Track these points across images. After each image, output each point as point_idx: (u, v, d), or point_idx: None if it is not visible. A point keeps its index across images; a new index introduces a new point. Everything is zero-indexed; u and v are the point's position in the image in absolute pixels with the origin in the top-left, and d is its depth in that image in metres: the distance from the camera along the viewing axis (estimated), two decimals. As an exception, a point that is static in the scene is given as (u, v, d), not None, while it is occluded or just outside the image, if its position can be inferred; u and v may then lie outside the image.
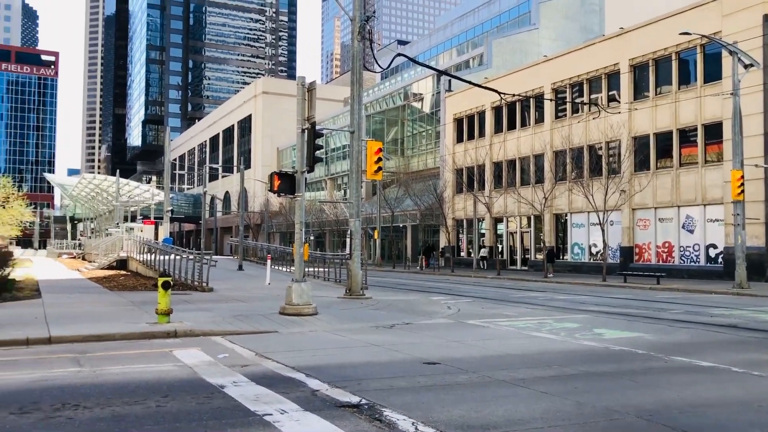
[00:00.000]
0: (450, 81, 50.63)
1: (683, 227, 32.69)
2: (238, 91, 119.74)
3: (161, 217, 49.86)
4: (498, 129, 45.70)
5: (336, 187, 68.88)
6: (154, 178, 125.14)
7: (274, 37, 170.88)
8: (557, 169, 38.48)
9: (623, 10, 46.90)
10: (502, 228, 45.77)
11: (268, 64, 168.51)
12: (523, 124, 43.55)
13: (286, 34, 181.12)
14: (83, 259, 56.77)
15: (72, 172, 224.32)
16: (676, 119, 32.74)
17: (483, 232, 46.90)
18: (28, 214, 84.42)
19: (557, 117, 40.64)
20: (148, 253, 31.16)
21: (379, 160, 21.47)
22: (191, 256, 24.93)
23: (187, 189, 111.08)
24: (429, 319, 15.18)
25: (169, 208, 43.15)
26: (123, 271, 34.76)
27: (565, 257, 39.85)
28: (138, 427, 5.99)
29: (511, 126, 44.54)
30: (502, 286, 29.14)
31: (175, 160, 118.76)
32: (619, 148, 35.50)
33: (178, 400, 7.06)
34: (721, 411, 6.69)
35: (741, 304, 19.50)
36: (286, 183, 16.57)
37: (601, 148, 36.65)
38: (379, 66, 20.08)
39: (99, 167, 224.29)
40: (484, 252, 45.08)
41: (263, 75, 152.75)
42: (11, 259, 21.31)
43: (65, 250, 73.21)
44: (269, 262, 30.54)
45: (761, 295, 22.46)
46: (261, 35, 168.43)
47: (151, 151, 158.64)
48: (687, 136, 32.65)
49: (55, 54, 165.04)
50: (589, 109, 36.44)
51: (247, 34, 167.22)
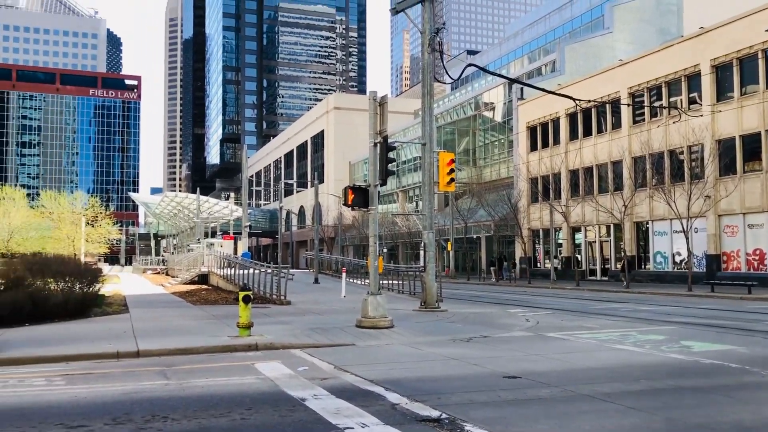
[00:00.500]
0: (522, 89, 49.97)
1: (775, 233, 31.00)
2: (311, 107, 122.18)
3: (240, 233, 51.26)
4: (573, 136, 44.74)
5: (408, 199, 69.01)
6: (233, 195, 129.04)
7: (344, 53, 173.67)
8: (636, 176, 37.26)
9: (702, 10, 45.17)
10: (580, 237, 44.66)
11: (339, 79, 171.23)
12: (599, 131, 42.47)
13: (356, 50, 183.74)
14: (167, 274, 58.86)
15: (155, 191, 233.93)
16: (765, 120, 31.16)
17: (560, 242, 45.89)
18: (114, 232, 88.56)
19: (635, 122, 39.42)
20: (228, 268, 32.00)
21: (452, 171, 21.40)
22: (269, 270, 25.44)
23: (264, 204, 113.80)
24: (507, 332, 14.92)
25: (247, 224, 44.31)
26: (204, 286, 35.80)
27: (647, 266, 38.48)
28: (223, 440, 6.12)
29: (587, 133, 43.51)
30: (581, 298, 28.38)
31: (251, 176, 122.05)
32: (701, 152, 34.09)
33: (261, 413, 7.18)
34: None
35: (843, 315, 18.29)
36: (359, 197, 16.70)
37: (682, 153, 35.29)
38: (449, 77, 20.04)
39: (180, 185, 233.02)
40: (556, 263, 44.15)
41: (334, 91, 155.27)
42: (100, 276, 22.29)
43: (150, 266, 76.15)
44: (344, 275, 30.82)
45: None
46: (332, 52, 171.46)
47: (229, 168, 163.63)
48: (776, 138, 31.01)
49: (138, 78, 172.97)
50: (669, 113, 35.13)
51: (318, 51, 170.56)
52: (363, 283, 33.11)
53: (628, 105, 38.22)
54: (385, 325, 15.44)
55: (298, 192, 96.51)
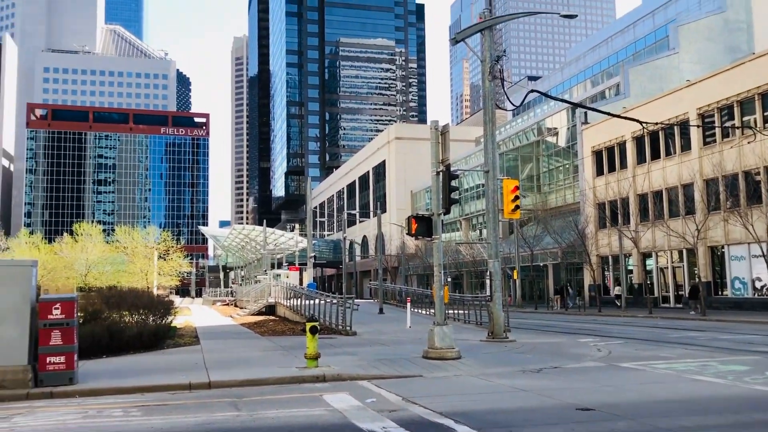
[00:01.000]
0: (586, 113, 49.19)
1: None
2: (372, 138, 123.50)
3: (305, 263, 51.91)
4: (641, 159, 43.62)
5: (471, 227, 68.49)
6: (297, 226, 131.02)
7: (404, 84, 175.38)
8: (709, 199, 35.88)
9: (774, 25, 43.64)
10: (651, 263, 43.23)
11: (400, 110, 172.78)
12: (668, 153, 41.28)
13: (416, 80, 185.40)
14: (235, 305, 59.95)
15: (223, 224, 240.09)
16: None
17: (630, 268, 44.54)
18: (185, 264, 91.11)
19: (705, 143, 38.15)
20: (294, 299, 32.38)
21: (516, 198, 21.14)
22: (334, 301, 25.62)
23: (328, 235, 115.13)
24: (578, 363, 14.50)
25: (312, 254, 44.88)
26: (272, 317, 36.31)
27: (724, 293, 36.84)
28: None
29: (655, 155, 42.35)
30: (655, 326, 27.36)
31: (315, 207, 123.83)
32: (779, 172, 32.65)
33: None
34: None
35: None
36: (423, 226, 16.69)
37: (758, 174, 33.86)
38: (511, 103, 19.98)
39: (247, 218, 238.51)
40: (618, 290, 42.89)
41: (395, 121, 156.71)
42: (172, 308, 22.91)
43: (219, 298, 77.82)
44: (408, 305, 30.71)
45: None
46: (392, 83, 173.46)
47: (294, 200, 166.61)
48: None
49: (206, 116, 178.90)
50: (743, 133, 33.89)
51: (379, 83, 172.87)
52: (428, 313, 32.90)
53: (699, 126, 37.06)
54: (453, 356, 15.26)
55: (360, 222, 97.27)
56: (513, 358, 15.52)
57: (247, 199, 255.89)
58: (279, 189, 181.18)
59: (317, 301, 27.35)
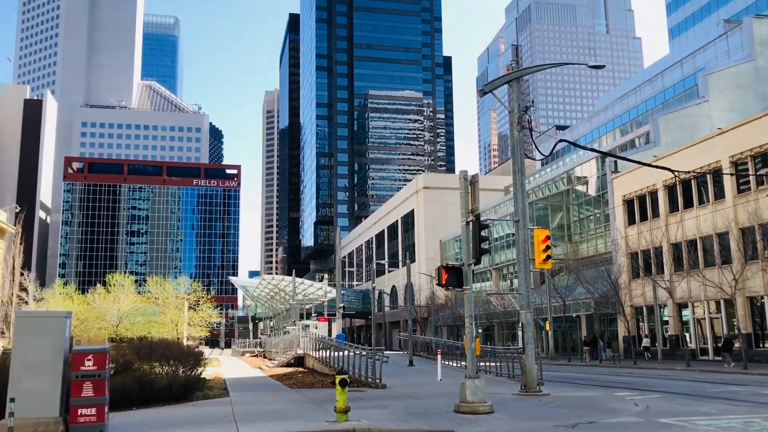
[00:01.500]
0: (616, 162, 48.94)
1: None
2: (400, 188, 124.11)
3: (334, 314, 51.71)
4: (673, 208, 43.05)
5: (501, 277, 67.80)
6: (326, 276, 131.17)
7: (432, 134, 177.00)
8: (746, 248, 35.12)
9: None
10: (687, 314, 42.17)
11: (428, 160, 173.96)
12: (701, 202, 40.69)
13: (443, 131, 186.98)
14: (264, 356, 59.71)
15: (252, 274, 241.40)
16: None
17: (666, 319, 43.48)
18: (215, 315, 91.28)
19: (740, 191, 37.57)
20: (323, 350, 32.16)
21: (548, 248, 20.93)
22: (364, 353, 25.37)
23: (356, 285, 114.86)
24: (615, 417, 14.06)
25: (341, 305, 44.74)
26: (300, 369, 36.02)
27: (765, 345, 35.66)
28: None
29: (688, 204, 41.79)
30: (694, 379, 26.50)
31: (344, 257, 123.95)
32: (818, 220, 31.92)
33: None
34: None
35: None
36: (453, 276, 16.57)
37: (796, 222, 33.14)
38: (540, 153, 20.04)
39: (276, 268, 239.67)
40: (647, 341, 41.71)
41: (423, 171, 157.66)
42: (202, 359, 22.86)
43: (248, 349, 77.58)
44: (439, 357, 30.28)
45: None
46: (420, 134, 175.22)
47: (323, 250, 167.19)
48: None
49: (237, 167, 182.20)
50: (777, 180, 33.34)
51: (407, 134, 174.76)
52: (458, 365, 32.37)
53: (732, 174, 36.57)
54: (485, 410, 14.92)
55: (389, 272, 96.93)
56: (547, 413, 15.11)
57: (277, 249, 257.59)
58: (308, 239, 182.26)
59: (346, 352, 27.12)
